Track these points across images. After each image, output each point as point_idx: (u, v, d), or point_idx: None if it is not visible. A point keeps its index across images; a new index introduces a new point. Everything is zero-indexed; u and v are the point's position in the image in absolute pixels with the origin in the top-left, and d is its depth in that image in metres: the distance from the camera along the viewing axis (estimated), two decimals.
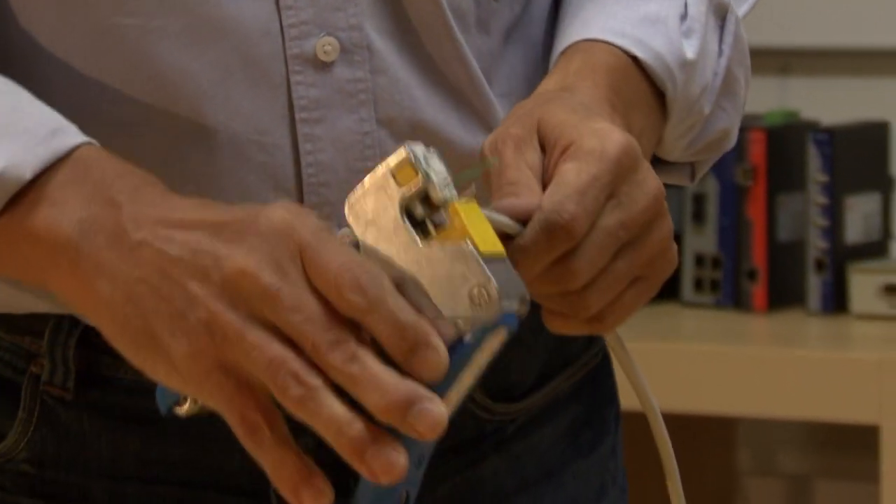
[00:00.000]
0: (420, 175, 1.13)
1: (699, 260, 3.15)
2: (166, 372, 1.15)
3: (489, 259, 1.13)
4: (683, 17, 1.48)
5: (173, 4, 1.45)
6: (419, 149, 1.11)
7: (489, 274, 1.12)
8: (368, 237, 1.14)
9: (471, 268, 1.14)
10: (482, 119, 1.42)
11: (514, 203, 1.23)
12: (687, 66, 1.46)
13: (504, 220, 1.17)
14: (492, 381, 1.38)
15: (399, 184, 1.13)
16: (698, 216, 3.15)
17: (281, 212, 1.14)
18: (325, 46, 1.41)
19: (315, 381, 1.10)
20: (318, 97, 1.38)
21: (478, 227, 1.15)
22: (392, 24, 1.47)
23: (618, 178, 1.29)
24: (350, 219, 1.14)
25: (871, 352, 2.76)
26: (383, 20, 1.47)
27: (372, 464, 1.09)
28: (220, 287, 1.17)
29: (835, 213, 2.93)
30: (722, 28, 1.51)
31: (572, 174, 1.26)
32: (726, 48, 1.50)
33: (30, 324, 1.45)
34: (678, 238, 1.45)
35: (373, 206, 1.16)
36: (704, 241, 3.11)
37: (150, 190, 1.23)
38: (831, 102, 3.19)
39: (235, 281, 1.13)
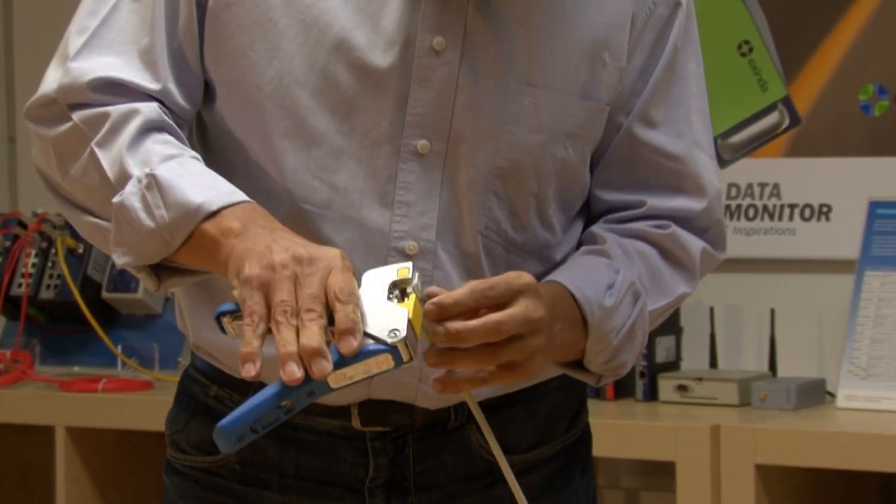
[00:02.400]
0: (411, 279, 1.60)
1: None
2: (238, 283, 1.61)
3: (409, 325, 1.57)
4: (610, 286, 1.82)
5: (335, 204, 1.82)
6: (414, 271, 1.61)
7: (403, 327, 1.57)
8: (369, 285, 1.60)
9: (398, 319, 1.57)
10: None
11: (437, 291, 1.64)
12: (603, 309, 1.80)
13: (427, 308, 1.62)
14: (509, 436, 1.84)
15: (397, 276, 1.61)
16: None
17: (336, 250, 1.62)
18: (411, 246, 1.80)
19: (293, 320, 1.55)
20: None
21: (415, 310, 1.59)
22: (450, 244, 1.82)
23: (508, 296, 1.67)
24: (369, 273, 1.61)
25: (670, 421, 3.06)
26: (446, 243, 1.81)
27: (309, 362, 1.52)
28: (288, 258, 1.60)
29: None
30: (634, 304, 1.84)
31: (478, 283, 1.67)
32: (634, 315, 1.84)
33: (244, 386, 1.80)
34: None
35: (382, 274, 1.62)
36: None
37: (281, 229, 1.68)
38: None
39: (296, 260, 1.59)
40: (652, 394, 3.20)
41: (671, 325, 3.25)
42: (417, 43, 1.78)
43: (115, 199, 1.72)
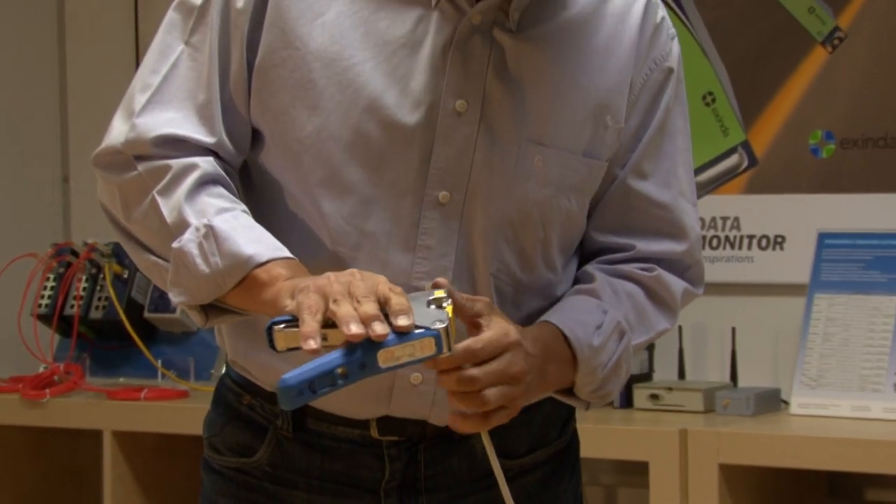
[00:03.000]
0: (446, 296, 1.62)
1: None
2: (292, 299, 1.61)
3: (449, 321, 1.59)
4: (599, 326, 1.81)
5: (364, 247, 1.81)
6: (448, 289, 1.64)
7: (446, 320, 1.60)
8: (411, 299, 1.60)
9: (441, 316, 1.60)
10: None
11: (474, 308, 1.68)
12: (591, 348, 1.80)
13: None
14: (497, 445, 1.75)
15: (434, 295, 1.63)
16: None
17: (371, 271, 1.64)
18: (427, 284, 1.75)
19: (351, 300, 1.57)
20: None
21: (452, 317, 1.61)
22: (465, 284, 1.80)
23: (495, 353, 1.68)
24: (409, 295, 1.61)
25: (644, 425, 3.06)
26: (461, 283, 1.80)
27: (368, 324, 1.54)
28: (342, 275, 1.61)
29: None
30: (619, 341, 1.83)
31: (487, 333, 1.68)
32: (619, 351, 1.83)
33: (275, 397, 1.67)
34: None
35: (420, 295, 1.63)
36: None
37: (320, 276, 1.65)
38: None
39: (350, 274, 1.61)
40: (628, 401, 3.19)
41: None
42: (442, 105, 1.78)
43: (175, 245, 1.74)
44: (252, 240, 1.73)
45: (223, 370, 1.98)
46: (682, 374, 3.28)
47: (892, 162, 3.16)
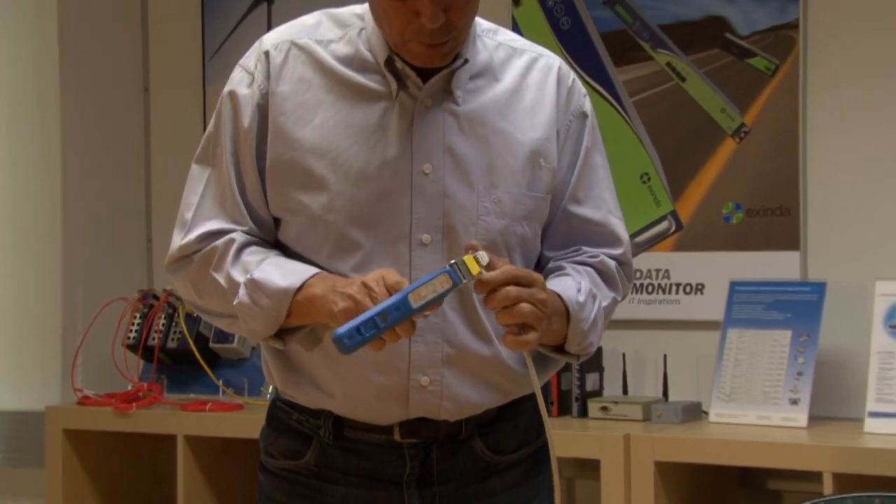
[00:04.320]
0: (478, 250, 1.64)
1: None
2: (330, 318, 1.63)
3: (464, 263, 1.61)
4: (579, 290, 1.80)
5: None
6: (483, 255, 1.65)
7: (458, 261, 1.61)
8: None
9: (458, 259, 1.62)
10: (489, 339, 1.79)
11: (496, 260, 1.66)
12: (578, 304, 1.79)
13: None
14: (492, 445, 1.81)
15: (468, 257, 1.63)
16: None
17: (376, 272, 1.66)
18: (428, 313, 1.69)
19: (367, 297, 1.61)
20: (421, 327, 1.73)
21: (471, 262, 1.62)
22: (452, 300, 1.76)
23: (529, 281, 1.67)
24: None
25: (596, 431, 2.99)
26: (448, 299, 1.72)
27: (392, 280, 1.63)
28: (357, 284, 1.64)
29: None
30: (594, 302, 1.82)
31: (512, 268, 1.67)
32: (595, 309, 1.82)
33: (317, 414, 1.82)
34: None
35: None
36: None
37: (341, 279, 1.71)
38: None
39: (362, 282, 1.63)
40: (583, 412, 3.16)
41: (596, 364, 3.22)
42: (413, 169, 1.76)
43: (235, 302, 1.76)
44: (284, 274, 1.73)
45: (271, 394, 1.98)
46: (625, 391, 3.24)
47: (786, 227, 3.11)
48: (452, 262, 1.62)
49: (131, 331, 3.61)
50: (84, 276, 3.68)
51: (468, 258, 1.63)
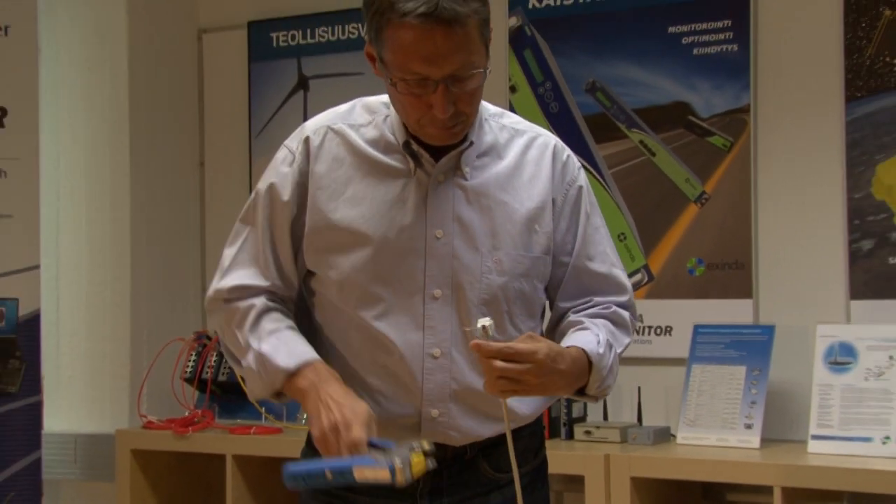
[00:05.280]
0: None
1: None
2: (316, 431, 1.59)
3: (409, 466, 1.56)
4: (598, 343, 1.75)
5: (390, 334, 1.73)
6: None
7: (403, 464, 1.56)
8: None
9: (404, 457, 1.57)
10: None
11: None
12: (599, 355, 1.74)
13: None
14: (493, 464, 1.78)
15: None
16: None
17: (363, 409, 1.59)
18: (436, 352, 1.72)
19: (341, 441, 1.56)
20: (432, 367, 1.73)
21: (417, 462, 1.55)
22: (460, 346, 1.74)
23: (524, 360, 1.61)
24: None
25: (581, 451, 2.94)
26: (458, 346, 1.73)
27: (348, 443, 1.53)
28: (338, 412, 1.59)
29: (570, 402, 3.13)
30: (611, 351, 1.77)
31: (522, 345, 1.61)
32: (612, 357, 1.78)
33: None
34: None
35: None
36: None
37: (336, 384, 1.66)
38: None
39: (332, 428, 1.58)
40: (570, 435, 3.13)
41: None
42: (427, 234, 1.75)
43: (243, 363, 1.76)
44: (287, 354, 1.70)
45: (306, 421, 1.88)
46: (605, 417, 3.21)
47: (741, 279, 3.09)
48: (399, 465, 1.57)
49: (188, 366, 3.60)
50: (149, 320, 3.68)
51: (419, 457, 1.60)
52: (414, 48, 1.61)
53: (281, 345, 1.73)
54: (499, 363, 1.60)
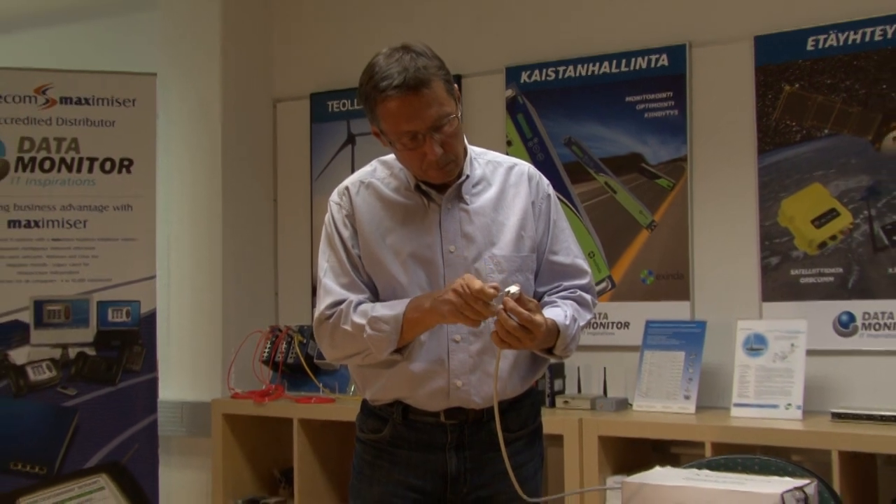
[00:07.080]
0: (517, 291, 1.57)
1: None
2: (447, 308, 1.59)
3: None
4: (566, 317, 1.73)
5: (427, 356, 1.74)
6: (517, 290, 1.60)
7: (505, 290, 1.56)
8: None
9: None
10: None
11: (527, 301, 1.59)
12: (566, 326, 1.73)
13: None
14: (504, 424, 1.73)
15: (509, 290, 1.57)
16: None
17: (467, 276, 1.61)
18: (457, 337, 1.71)
19: (472, 312, 1.56)
20: (454, 349, 1.73)
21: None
22: (475, 332, 1.72)
23: (534, 327, 1.63)
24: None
25: (561, 416, 2.86)
26: (472, 330, 1.72)
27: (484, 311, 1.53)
28: (453, 293, 1.60)
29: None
30: (575, 323, 1.76)
31: (541, 319, 1.63)
32: (575, 329, 1.76)
33: (392, 404, 1.77)
34: None
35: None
36: None
37: (434, 292, 1.67)
38: None
39: (456, 291, 1.58)
40: (553, 404, 3.06)
41: (560, 371, 3.10)
42: (442, 248, 1.74)
43: (364, 335, 1.72)
44: (391, 307, 1.71)
45: (353, 393, 2.06)
46: (579, 390, 3.16)
47: (680, 286, 3.06)
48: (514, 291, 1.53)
49: (265, 351, 3.56)
50: (236, 316, 3.65)
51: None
52: (399, 112, 1.62)
53: (383, 308, 1.72)
54: (514, 325, 1.60)
